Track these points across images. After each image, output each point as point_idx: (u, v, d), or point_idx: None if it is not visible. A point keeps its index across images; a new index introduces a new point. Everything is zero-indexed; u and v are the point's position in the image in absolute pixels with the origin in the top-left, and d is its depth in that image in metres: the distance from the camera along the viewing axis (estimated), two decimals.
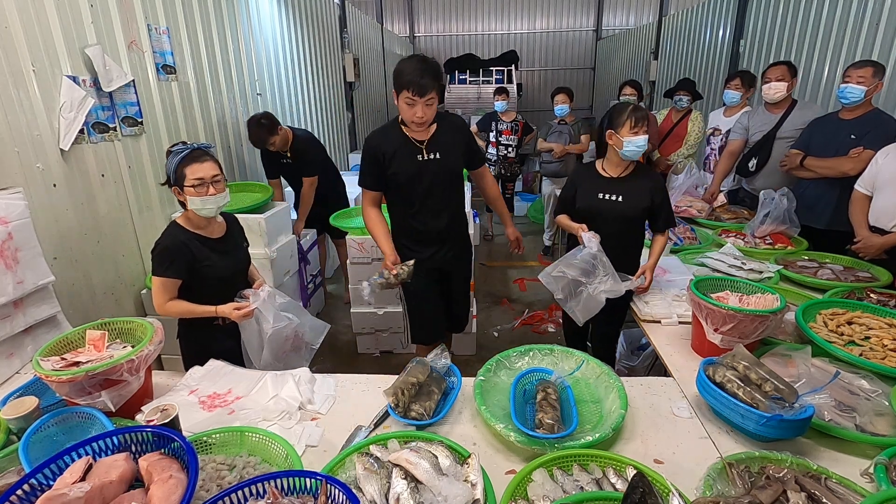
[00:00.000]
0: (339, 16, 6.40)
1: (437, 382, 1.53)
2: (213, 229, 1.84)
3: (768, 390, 1.31)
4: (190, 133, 3.08)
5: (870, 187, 2.35)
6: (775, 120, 3.07)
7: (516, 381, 1.51)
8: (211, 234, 1.83)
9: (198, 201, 1.69)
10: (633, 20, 12.76)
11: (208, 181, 1.69)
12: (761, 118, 3.15)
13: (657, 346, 1.83)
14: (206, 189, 1.69)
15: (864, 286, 2.06)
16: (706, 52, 6.26)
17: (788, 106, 3.06)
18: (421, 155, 2.04)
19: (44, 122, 2.06)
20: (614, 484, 1.13)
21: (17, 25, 1.94)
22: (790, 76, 3.01)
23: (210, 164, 1.71)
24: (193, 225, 1.79)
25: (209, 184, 1.69)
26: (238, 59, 3.69)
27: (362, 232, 3.10)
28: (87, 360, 1.40)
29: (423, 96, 1.86)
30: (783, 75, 3.01)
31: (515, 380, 1.51)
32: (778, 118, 3.06)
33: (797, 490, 1.06)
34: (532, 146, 5.00)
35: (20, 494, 0.99)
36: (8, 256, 1.69)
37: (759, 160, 3.14)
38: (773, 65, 3.09)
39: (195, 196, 1.68)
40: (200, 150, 1.73)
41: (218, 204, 1.73)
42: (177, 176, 1.69)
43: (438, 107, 2.00)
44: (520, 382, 1.53)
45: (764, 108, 3.16)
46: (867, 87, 2.48)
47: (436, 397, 1.47)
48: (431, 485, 1.10)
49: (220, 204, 1.74)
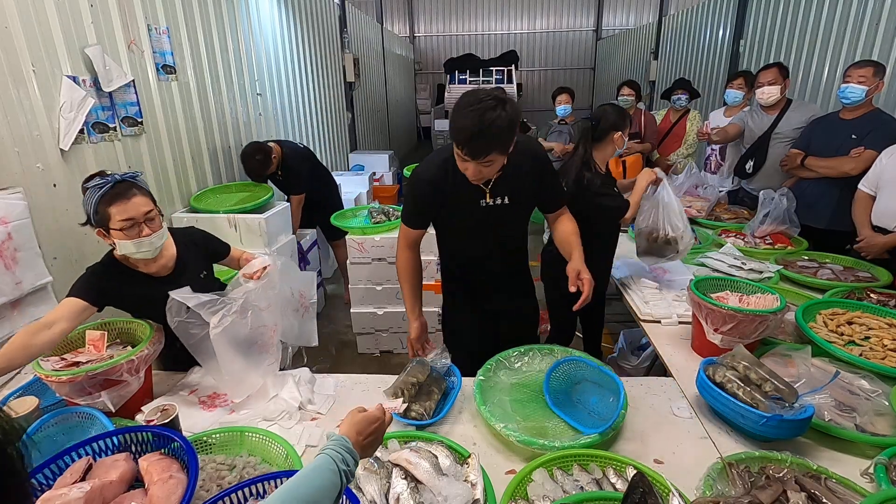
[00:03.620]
0: (339, 16, 6.40)
1: (437, 382, 1.53)
2: (158, 266, 1.53)
3: (768, 390, 1.31)
4: (190, 133, 3.08)
5: (873, 187, 2.35)
6: (771, 121, 3.08)
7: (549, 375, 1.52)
8: (155, 273, 1.54)
9: (129, 245, 1.42)
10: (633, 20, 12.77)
11: (140, 220, 1.42)
12: (758, 119, 3.16)
13: (657, 346, 1.83)
14: (138, 230, 1.42)
15: (864, 286, 2.06)
16: (706, 52, 6.26)
17: (783, 106, 3.07)
18: (485, 199, 1.63)
19: (44, 122, 2.06)
20: (614, 484, 1.13)
21: (17, 25, 1.94)
22: (782, 78, 3.01)
23: (140, 199, 1.43)
24: (131, 262, 1.51)
25: (141, 223, 1.42)
26: (238, 59, 3.69)
27: (362, 232, 3.10)
28: (87, 360, 1.40)
29: (476, 159, 1.43)
30: (775, 78, 3.00)
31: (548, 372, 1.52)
32: (773, 119, 3.07)
33: (797, 490, 1.06)
34: None
35: None
36: (7, 257, 1.69)
37: (756, 162, 3.14)
38: (764, 68, 3.08)
39: (125, 240, 1.42)
40: (126, 184, 1.43)
41: (154, 245, 1.46)
42: (99, 217, 1.41)
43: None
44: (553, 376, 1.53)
45: (759, 110, 3.17)
46: (868, 87, 2.48)
47: (436, 397, 1.47)
48: (431, 485, 1.10)
49: (157, 244, 1.47)
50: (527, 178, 1.64)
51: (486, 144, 1.39)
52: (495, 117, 1.35)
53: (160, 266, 1.54)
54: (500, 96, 1.39)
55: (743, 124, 3.24)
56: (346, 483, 0.85)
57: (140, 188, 1.46)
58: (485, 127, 1.35)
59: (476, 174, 1.49)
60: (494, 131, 1.36)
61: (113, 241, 1.45)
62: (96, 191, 1.40)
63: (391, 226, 3.15)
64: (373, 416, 0.99)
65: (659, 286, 2.20)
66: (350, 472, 0.86)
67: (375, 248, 3.08)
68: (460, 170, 1.52)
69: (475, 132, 1.36)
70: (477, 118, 1.35)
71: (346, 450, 0.88)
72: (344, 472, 0.84)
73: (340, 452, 0.87)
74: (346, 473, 0.85)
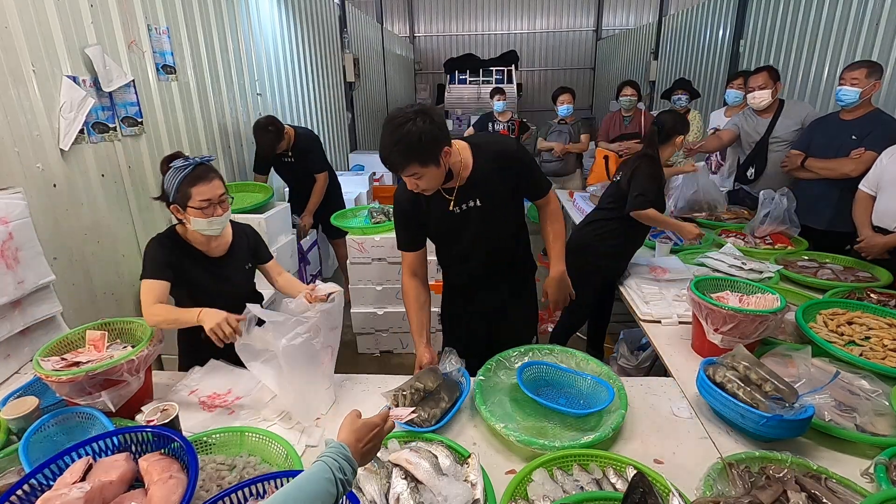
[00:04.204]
0: (339, 16, 6.40)
1: (449, 391, 1.48)
2: (213, 247, 1.71)
3: (768, 390, 1.31)
4: (190, 133, 3.08)
5: (874, 187, 2.35)
6: (766, 124, 3.07)
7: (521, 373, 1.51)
8: (209, 252, 1.71)
9: (203, 223, 1.59)
10: (633, 20, 12.76)
11: (216, 202, 1.58)
12: (752, 123, 3.15)
13: (657, 346, 1.83)
14: (213, 210, 1.58)
15: (864, 286, 2.06)
16: (706, 52, 6.26)
17: (776, 109, 3.06)
18: (454, 206, 1.64)
19: (44, 122, 2.06)
20: (614, 484, 1.13)
21: (17, 25, 1.94)
22: (773, 82, 2.99)
23: (217, 183, 1.60)
24: (192, 238, 1.68)
25: (216, 204, 1.58)
26: (238, 59, 3.69)
27: (362, 232, 3.10)
28: (87, 360, 1.40)
29: (396, 172, 1.47)
30: (765, 82, 2.99)
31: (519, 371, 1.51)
32: (768, 122, 3.06)
33: (797, 490, 1.06)
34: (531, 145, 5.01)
35: (20, 494, 0.99)
36: (9, 256, 1.69)
37: (757, 168, 3.14)
38: (755, 72, 3.07)
39: (201, 217, 1.57)
40: (206, 167, 1.60)
41: (223, 224, 1.64)
42: (180, 196, 1.57)
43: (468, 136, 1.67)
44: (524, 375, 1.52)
45: (753, 114, 3.16)
46: (861, 89, 2.48)
47: (444, 405, 1.43)
48: (431, 485, 1.10)
49: (224, 224, 1.65)
50: (495, 176, 1.62)
51: (402, 157, 1.40)
52: (407, 130, 1.37)
53: (217, 245, 1.71)
54: (420, 109, 1.40)
55: (737, 129, 3.23)
56: (343, 492, 0.83)
57: (216, 172, 1.62)
58: (397, 139, 1.38)
59: (413, 187, 1.51)
60: (407, 143, 1.38)
61: (186, 218, 1.59)
62: (180, 171, 1.55)
63: (391, 226, 3.14)
64: (373, 423, 0.98)
65: (659, 286, 2.20)
66: (347, 482, 0.84)
67: (375, 248, 3.08)
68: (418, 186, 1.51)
69: (389, 146, 1.40)
70: (391, 132, 1.39)
71: (344, 458, 0.86)
72: (341, 480, 0.83)
73: (338, 460, 0.85)
74: (344, 482, 0.83)
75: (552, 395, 1.53)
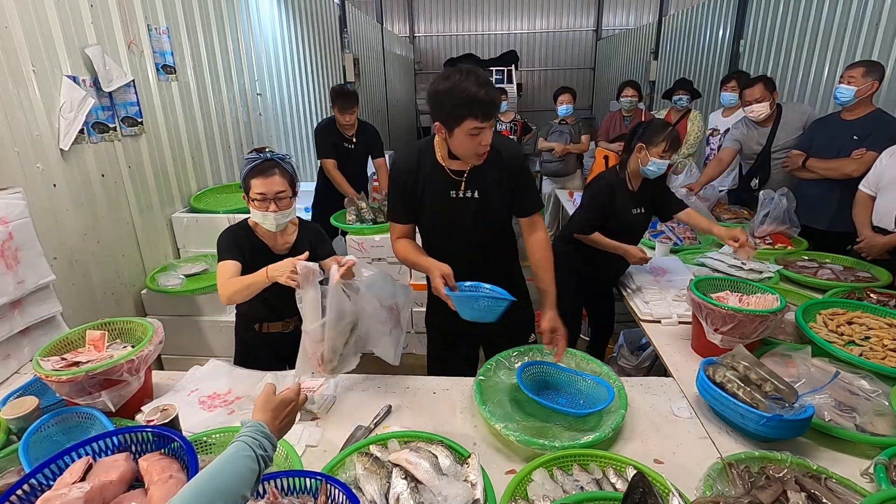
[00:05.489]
0: (339, 16, 6.40)
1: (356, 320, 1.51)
2: (279, 244, 1.76)
3: (768, 390, 1.31)
4: (190, 133, 3.08)
5: (874, 188, 2.34)
6: (766, 133, 3.04)
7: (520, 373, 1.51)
8: (274, 248, 1.75)
9: (259, 215, 1.65)
10: (633, 20, 12.77)
11: (270, 197, 1.61)
12: (753, 133, 3.10)
13: (657, 346, 1.83)
14: (266, 205, 1.62)
15: (864, 286, 2.06)
16: (706, 52, 6.26)
17: (775, 117, 3.02)
18: (456, 191, 1.61)
19: (44, 122, 2.06)
20: (614, 484, 1.13)
21: (17, 25, 1.94)
22: (769, 93, 2.94)
23: (277, 180, 1.62)
24: (260, 232, 1.74)
25: (271, 200, 1.62)
26: (238, 59, 3.69)
27: (362, 232, 3.10)
28: (87, 360, 1.40)
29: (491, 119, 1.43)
30: (762, 95, 2.94)
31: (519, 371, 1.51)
32: (768, 132, 3.03)
33: (797, 490, 1.06)
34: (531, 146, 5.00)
35: (20, 494, 0.99)
36: (9, 256, 1.69)
37: (761, 179, 3.11)
38: (749, 85, 3.01)
39: (257, 210, 1.64)
40: (270, 163, 1.63)
41: (279, 221, 1.65)
42: (245, 186, 1.66)
43: None
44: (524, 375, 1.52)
45: (752, 124, 3.10)
46: (857, 87, 2.47)
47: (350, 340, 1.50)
48: (431, 485, 1.10)
49: (280, 221, 1.66)
50: (499, 174, 1.60)
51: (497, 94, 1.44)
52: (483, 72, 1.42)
53: (279, 243, 1.75)
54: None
55: (738, 144, 3.18)
56: (264, 467, 0.85)
57: (283, 170, 1.65)
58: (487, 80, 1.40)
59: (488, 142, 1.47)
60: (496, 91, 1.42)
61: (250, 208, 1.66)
62: (248, 163, 1.64)
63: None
64: (288, 398, 1.00)
65: (659, 286, 2.20)
66: (268, 457, 0.86)
67: (375, 248, 3.08)
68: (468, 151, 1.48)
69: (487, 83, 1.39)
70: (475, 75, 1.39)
71: (263, 435, 0.88)
72: (261, 456, 0.85)
73: (257, 438, 0.86)
74: (264, 458, 0.85)
75: (552, 396, 1.53)
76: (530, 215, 1.70)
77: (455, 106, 1.39)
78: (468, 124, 1.41)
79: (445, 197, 1.62)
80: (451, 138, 1.47)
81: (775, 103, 3.01)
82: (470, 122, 1.40)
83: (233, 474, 0.80)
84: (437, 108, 1.45)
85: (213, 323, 2.62)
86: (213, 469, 0.79)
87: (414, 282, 3.18)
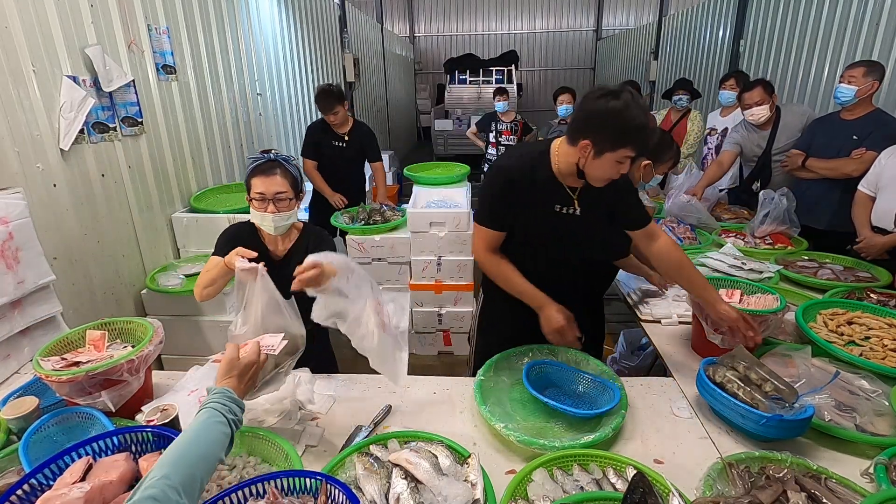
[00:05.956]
0: (339, 16, 6.40)
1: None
2: (279, 249, 1.70)
3: (768, 390, 1.31)
4: (190, 133, 3.08)
5: (873, 188, 2.35)
6: (765, 136, 3.04)
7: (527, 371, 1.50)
8: (274, 251, 1.70)
9: (257, 216, 1.60)
10: (633, 20, 12.77)
11: (269, 197, 1.56)
12: (753, 136, 3.10)
13: (657, 346, 1.83)
14: (265, 205, 1.57)
15: (864, 286, 2.06)
16: (706, 52, 6.26)
17: (774, 119, 3.01)
18: (565, 207, 1.54)
19: (44, 122, 2.06)
20: (614, 484, 1.13)
21: (17, 25, 1.94)
22: (768, 96, 2.94)
23: (277, 180, 1.57)
24: (264, 234, 1.68)
25: (270, 200, 1.56)
26: (238, 59, 3.69)
27: (362, 232, 3.10)
28: (87, 360, 1.39)
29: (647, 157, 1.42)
30: (761, 98, 2.93)
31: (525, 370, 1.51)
32: (767, 134, 3.03)
33: (797, 490, 1.06)
34: None
35: (20, 494, 0.99)
36: (9, 256, 1.69)
37: (762, 182, 3.11)
38: (748, 89, 3.00)
39: (255, 210, 1.59)
40: (272, 163, 1.59)
41: (277, 224, 1.59)
42: (247, 185, 1.61)
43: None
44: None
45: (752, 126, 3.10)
46: (857, 87, 2.47)
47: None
48: (431, 485, 1.10)
49: (279, 224, 1.60)
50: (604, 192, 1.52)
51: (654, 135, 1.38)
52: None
53: (278, 246, 1.70)
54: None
55: (738, 148, 3.17)
56: (235, 430, 0.87)
57: (286, 171, 1.60)
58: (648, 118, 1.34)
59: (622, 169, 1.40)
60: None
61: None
62: (251, 162, 1.60)
63: (391, 226, 3.15)
64: (250, 361, 1.02)
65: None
66: (238, 420, 0.89)
67: (375, 248, 3.08)
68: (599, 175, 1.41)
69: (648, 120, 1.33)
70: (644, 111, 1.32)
71: (231, 400, 0.90)
72: (232, 420, 0.87)
73: (226, 404, 0.88)
74: (234, 422, 0.88)
75: (556, 395, 1.53)
76: (644, 226, 1.63)
77: (620, 131, 1.32)
78: (623, 152, 1.35)
79: (550, 210, 1.55)
80: (596, 159, 1.38)
81: (774, 106, 3.00)
82: (625, 151, 1.35)
83: (210, 440, 0.83)
84: (598, 127, 1.35)
85: (213, 323, 2.62)
86: (191, 436, 0.82)
87: (414, 282, 3.18)
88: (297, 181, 1.65)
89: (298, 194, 1.66)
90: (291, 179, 1.62)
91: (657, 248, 1.63)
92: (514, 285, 1.58)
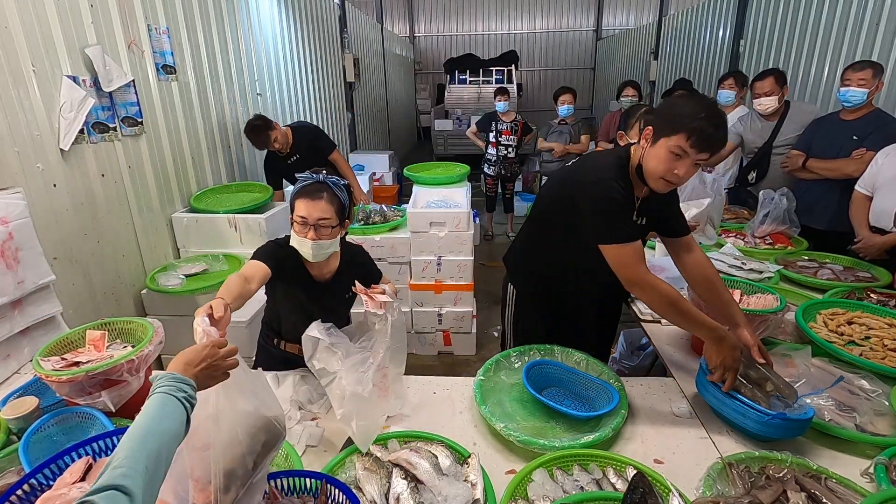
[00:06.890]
0: (339, 16, 6.40)
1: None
2: (322, 272, 1.62)
3: (769, 389, 1.31)
4: (190, 133, 3.08)
5: (870, 188, 2.35)
6: (770, 128, 3.04)
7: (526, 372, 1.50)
8: (317, 276, 1.62)
9: (297, 240, 1.50)
10: (633, 20, 12.78)
11: (311, 223, 1.46)
12: (757, 127, 3.11)
13: (657, 346, 1.82)
14: (306, 231, 1.47)
15: (864, 286, 2.06)
16: (706, 52, 6.27)
17: (782, 112, 3.02)
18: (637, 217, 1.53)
19: (44, 122, 2.06)
20: (614, 484, 1.13)
21: (17, 25, 1.94)
22: (779, 87, 2.93)
23: (322, 205, 1.46)
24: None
25: (311, 226, 1.46)
26: (238, 59, 3.69)
27: (362, 232, 3.10)
28: (87, 360, 1.40)
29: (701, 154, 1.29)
30: (772, 88, 2.93)
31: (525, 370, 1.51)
32: (773, 126, 3.03)
33: (797, 490, 1.06)
34: (532, 146, 5.01)
35: (20, 494, 0.99)
36: (9, 256, 1.69)
37: (759, 173, 3.12)
38: (760, 78, 3.00)
39: (296, 234, 1.49)
40: (319, 185, 1.48)
41: (315, 252, 1.49)
42: (292, 206, 1.51)
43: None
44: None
45: (758, 117, 3.12)
46: (869, 90, 2.48)
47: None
48: (431, 485, 1.10)
49: (318, 252, 1.49)
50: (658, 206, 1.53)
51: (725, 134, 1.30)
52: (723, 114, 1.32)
53: (323, 272, 1.62)
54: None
55: (739, 137, 3.18)
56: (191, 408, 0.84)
57: (333, 195, 1.49)
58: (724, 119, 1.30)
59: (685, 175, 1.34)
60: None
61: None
62: (300, 182, 1.50)
63: (391, 226, 3.15)
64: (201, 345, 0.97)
65: None
66: (190, 398, 0.85)
67: (375, 248, 3.08)
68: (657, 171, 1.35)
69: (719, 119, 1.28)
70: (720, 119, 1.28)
71: (178, 380, 0.86)
72: (185, 398, 0.84)
73: (173, 384, 0.85)
74: (188, 399, 0.84)
75: (555, 396, 1.53)
76: (683, 236, 1.61)
77: (680, 115, 1.29)
78: (677, 139, 1.29)
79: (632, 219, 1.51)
80: (652, 146, 1.36)
81: (784, 98, 3.01)
82: (680, 139, 1.28)
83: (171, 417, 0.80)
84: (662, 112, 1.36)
85: None
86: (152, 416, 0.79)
87: (414, 282, 3.18)
88: (344, 207, 1.53)
89: (343, 222, 1.54)
90: (338, 205, 1.50)
91: (692, 260, 1.60)
92: (695, 318, 1.40)
